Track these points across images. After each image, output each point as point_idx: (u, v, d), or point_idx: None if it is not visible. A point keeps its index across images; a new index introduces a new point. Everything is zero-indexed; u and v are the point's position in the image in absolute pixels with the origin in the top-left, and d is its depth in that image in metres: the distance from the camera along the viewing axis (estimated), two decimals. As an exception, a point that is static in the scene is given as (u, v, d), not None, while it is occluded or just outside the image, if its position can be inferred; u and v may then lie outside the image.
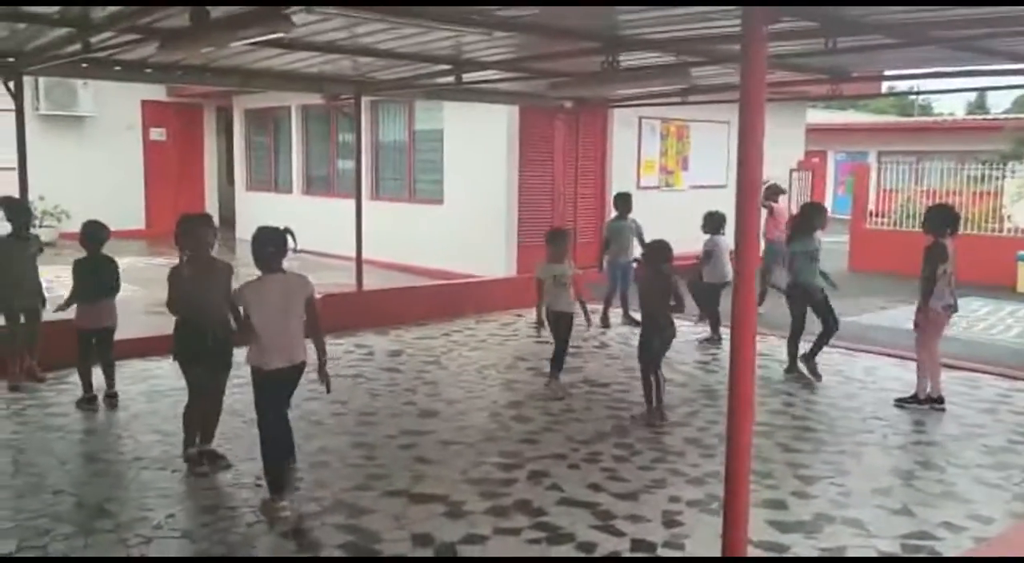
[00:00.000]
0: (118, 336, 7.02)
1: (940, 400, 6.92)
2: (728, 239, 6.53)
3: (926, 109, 48.41)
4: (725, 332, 8.94)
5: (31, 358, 7.30)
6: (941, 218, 6.89)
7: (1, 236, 7.28)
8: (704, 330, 9.51)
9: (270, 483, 4.78)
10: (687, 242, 9.44)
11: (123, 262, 7.35)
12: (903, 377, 7.63)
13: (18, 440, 6.01)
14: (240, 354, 5.05)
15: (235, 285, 5.10)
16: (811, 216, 7.86)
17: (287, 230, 4.89)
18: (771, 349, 8.86)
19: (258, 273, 4.86)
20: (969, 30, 5.90)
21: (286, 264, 4.94)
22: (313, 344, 4.92)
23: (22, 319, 7.22)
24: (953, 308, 6.90)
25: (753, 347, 3.20)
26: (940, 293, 6.75)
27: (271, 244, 4.80)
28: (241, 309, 4.76)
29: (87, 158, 17.80)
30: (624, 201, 10.27)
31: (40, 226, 15.08)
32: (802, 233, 7.77)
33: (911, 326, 7.02)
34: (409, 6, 5.33)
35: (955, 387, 7.55)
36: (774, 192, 11.78)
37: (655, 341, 6.63)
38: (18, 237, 7.18)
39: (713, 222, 9.43)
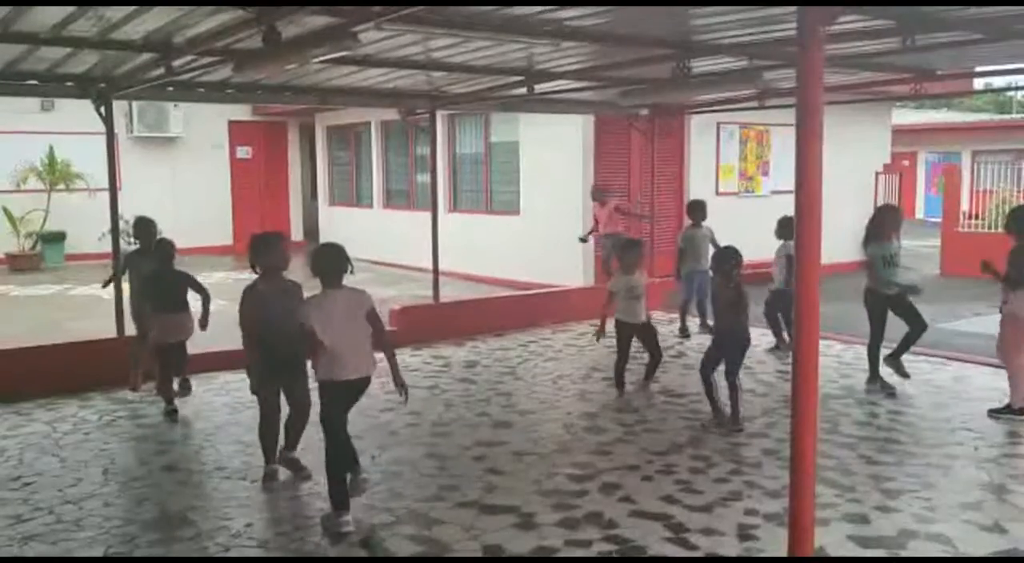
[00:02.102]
0: (205, 349, 7.26)
1: None
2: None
3: (1027, 105, 46.25)
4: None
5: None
6: None
7: (130, 251, 7.74)
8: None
9: (332, 497, 4.82)
10: (769, 249, 9.22)
11: (211, 278, 7.61)
12: (996, 386, 7.29)
13: (109, 450, 6.25)
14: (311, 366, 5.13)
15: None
16: (883, 219, 7.59)
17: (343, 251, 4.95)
18: (858, 358, 8.60)
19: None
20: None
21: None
22: (385, 356, 4.98)
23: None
24: None
25: (816, 354, 3.11)
26: None
27: (333, 260, 4.87)
28: (306, 323, 4.78)
29: (178, 177, 18.52)
30: (698, 209, 10.13)
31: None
32: (876, 237, 7.51)
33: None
34: (477, 8, 5.35)
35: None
36: (601, 192, 12.07)
37: (725, 349, 6.53)
38: (146, 252, 7.52)
39: (787, 227, 9.18)
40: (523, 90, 8.78)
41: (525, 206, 13.93)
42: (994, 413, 6.72)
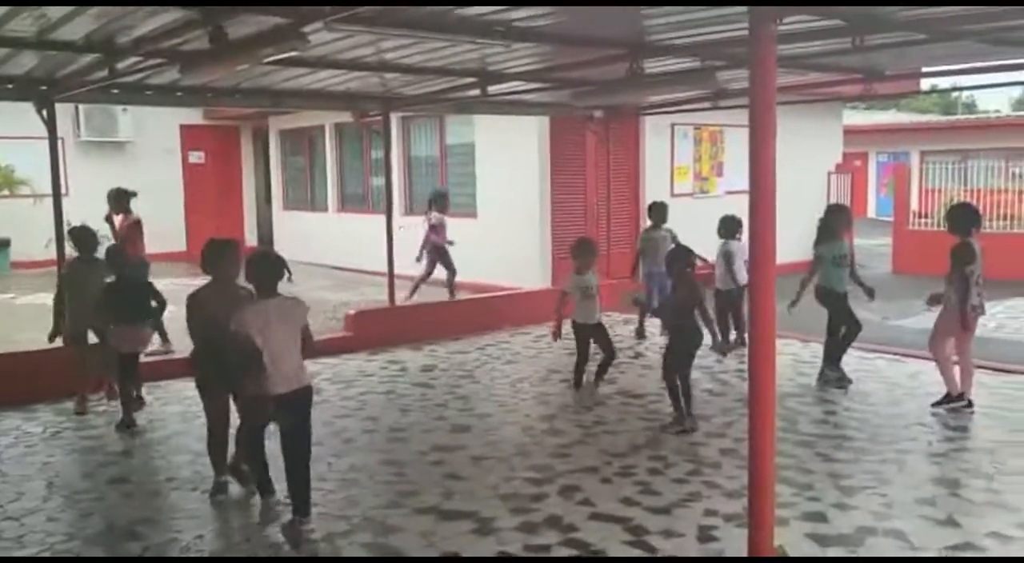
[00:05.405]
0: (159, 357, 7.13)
1: (969, 403, 6.74)
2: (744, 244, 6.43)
3: (970, 107, 47.40)
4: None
5: (114, 379, 7.24)
6: (967, 218, 6.71)
7: (72, 260, 7.51)
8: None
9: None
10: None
11: (163, 284, 7.45)
12: (949, 382, 7.39)
13: (53, 462, 6.05)
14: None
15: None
16: (833, 219, 7.66)
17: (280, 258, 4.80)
18: (816, 356, 8.66)
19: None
20: (1004, 22, 5.72)
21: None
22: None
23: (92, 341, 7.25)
24: (980, 309, 6.72)
25: (773, 353, 3.09)
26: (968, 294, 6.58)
27: (269, 268, 4.70)
28: (241, 330, 4.53)
29: (128, 183, 17.95)
30: (659, 210, 10.13)
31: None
32: (827, 236, 7.58)
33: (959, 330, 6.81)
34: (428, 9, 5.29)
35: (1005, 390, 7.33)
36: (125, 201, 10.11)
37: (680, 348, 6.54)
38: (86, 262, 7.31)
39: (729, 227, 9.20)
40: (477, 91, 8.73)
41: (482, 208, 13.86)
42: (936, 405, 6.82)
